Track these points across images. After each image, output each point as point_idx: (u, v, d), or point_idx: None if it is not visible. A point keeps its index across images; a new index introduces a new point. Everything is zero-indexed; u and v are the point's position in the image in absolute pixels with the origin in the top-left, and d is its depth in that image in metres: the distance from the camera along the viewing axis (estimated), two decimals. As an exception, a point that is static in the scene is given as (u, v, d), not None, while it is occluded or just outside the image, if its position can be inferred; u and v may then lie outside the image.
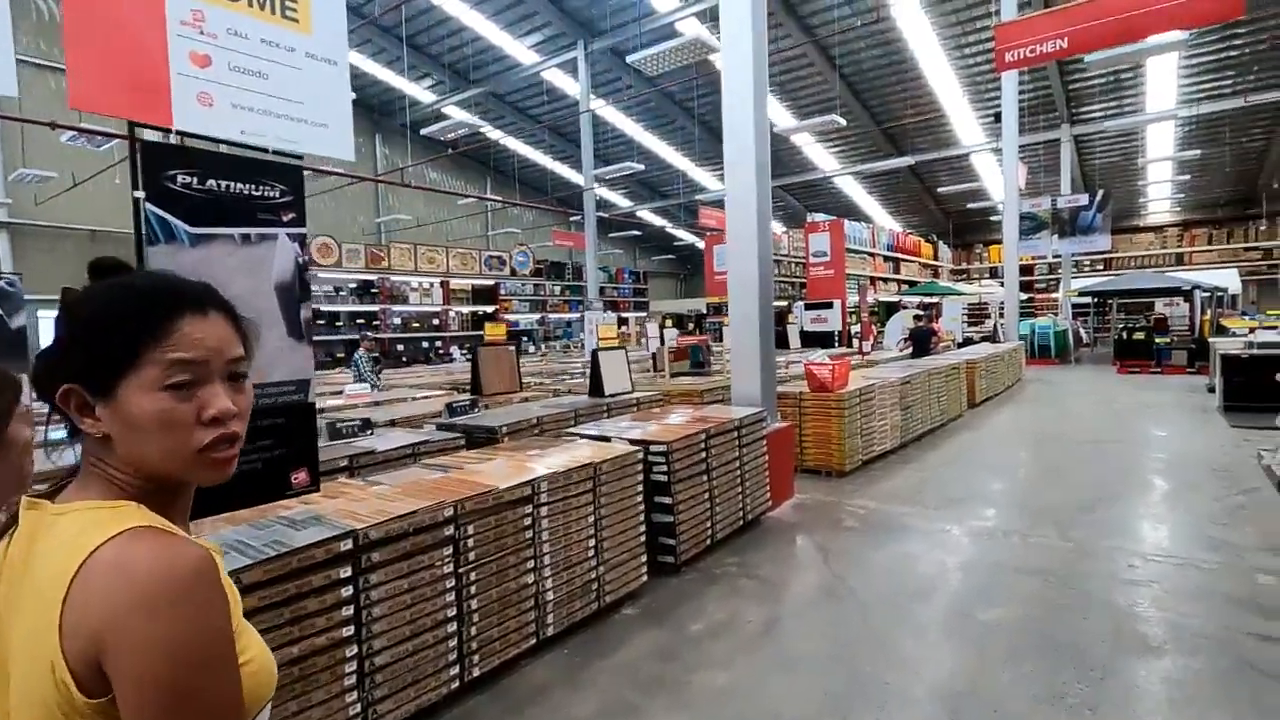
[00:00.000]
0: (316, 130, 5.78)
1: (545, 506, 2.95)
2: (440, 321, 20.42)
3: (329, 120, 5.83)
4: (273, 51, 5.38)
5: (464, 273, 21.51)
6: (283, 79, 5.40)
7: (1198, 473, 5.68)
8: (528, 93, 20.46)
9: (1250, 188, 22.54)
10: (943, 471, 5.96)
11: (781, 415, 5.93)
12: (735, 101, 4.96)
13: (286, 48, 5.48)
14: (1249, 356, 8.42)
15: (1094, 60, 9.26)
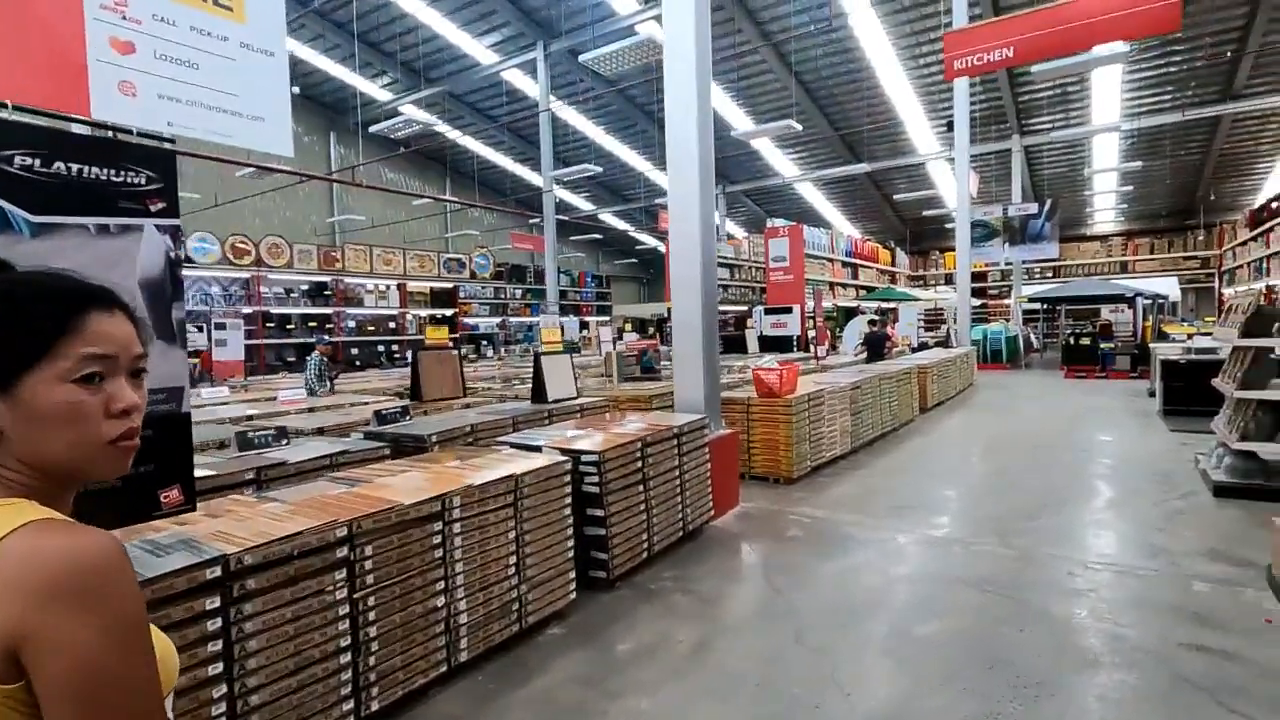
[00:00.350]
0: (252, 124, 5.45)
1: (458, 523, 2.74)
2: (397, 324, 19.93)
3: (265, 114, 5.50)
4: (204, 40, 5.03)
5: (422, 275, 21.04)
6: (215, 69, 5.05)
7: (1139, 478, 5.71)
8: (487, 93, 20.14)
9: (1189, 199, 23.38)
10: (891, 478, 5.89)
11: (730, 421, 5.79)
12: (678, 101, 4.82)
13: (219, 36, 5.13)
14: (1187, 362, 8.61)
15: (1041, 71, 9.40)
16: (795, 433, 5.62)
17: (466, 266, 22.40)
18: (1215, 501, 4.95)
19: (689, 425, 4.27)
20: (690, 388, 4.74)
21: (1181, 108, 17.45)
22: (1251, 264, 17.37)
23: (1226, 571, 3.61)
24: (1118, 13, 7.03)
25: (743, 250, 20.82)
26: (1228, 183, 22.40)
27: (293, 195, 20.34)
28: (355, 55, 16.11)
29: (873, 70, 17.26)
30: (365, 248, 19.25)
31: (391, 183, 23.51)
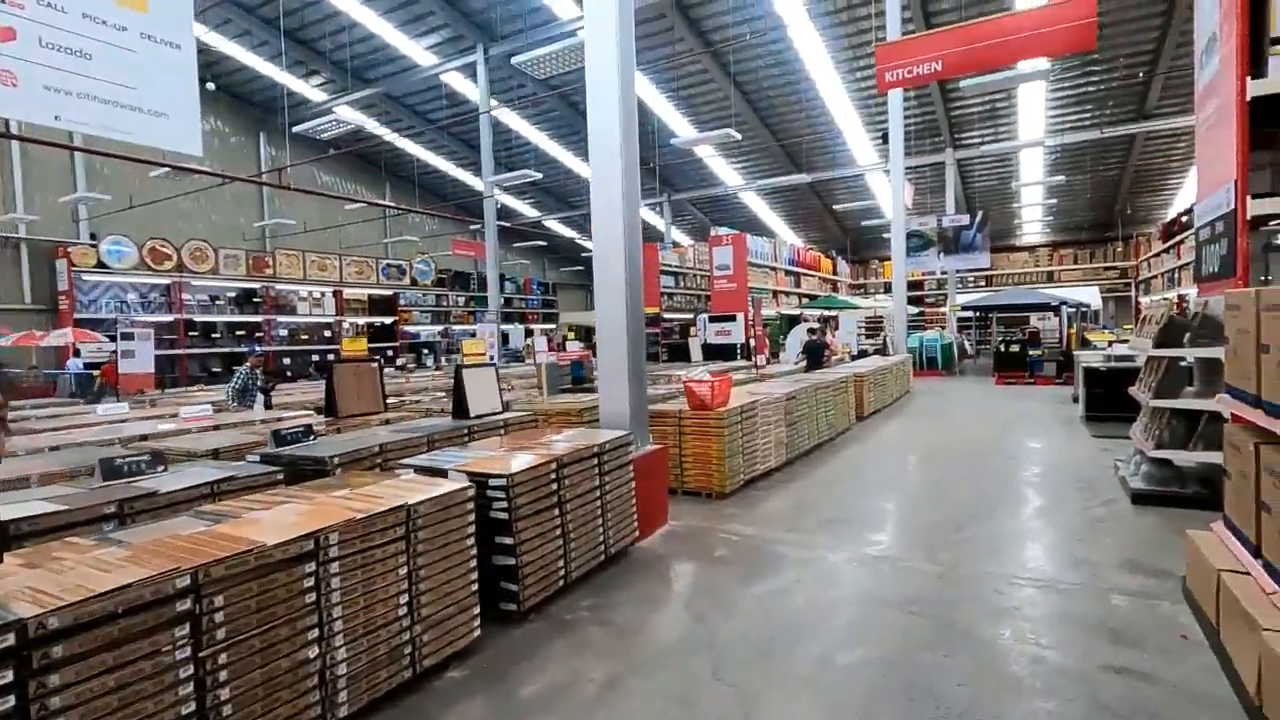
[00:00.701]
0: (154, 120, 4.99)
1: (336, 563, 2.45)
2: (333, 333, 19.17)
3: (170, 110, 5.05)
4: (98, 29, 4.55)
5: (360, 282, 20.31)
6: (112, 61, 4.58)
7: (1063, 485, 5.78)
8: (426, 95, 19.61)
9: (1108, 213, 24.55)
10: (825, 490, 5.80)
11: (661, 435, 5.61)
12: (600, 101, 4.63)
13: (116, 25, 4.64)
14: (1107, 369, 8.88)
15: (970, 86, 9.61)
16: (727, 446, 5.47)
17: (407, 273, 21.75)
18: (1134, 509, 5.02)
19: (611, 443, 4.06)
20: (615, 402, 4.54)
21: (1100, 125, 18.28)
22: (1164, 274, 18.30)
23: (1144, 584, 3.60)
24: (1039, 30, 7.19)
25: (688, 258, 20.83)
26: (1142, 197, 23.62)
27: (218, 198, 19.35)
28: (283, 53, 15.39)
29: (812, 82, 17.51)
30: (298, 253, 18.47)
31: (327, 186, 22.67)
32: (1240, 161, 4.84)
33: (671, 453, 5.61)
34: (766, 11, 15.09)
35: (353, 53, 17.53)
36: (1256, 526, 2.76)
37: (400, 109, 20.22)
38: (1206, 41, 5.45)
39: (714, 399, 5.47)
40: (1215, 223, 5.34)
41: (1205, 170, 5.68)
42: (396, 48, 17.31)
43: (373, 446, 4.04)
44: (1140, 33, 14.90)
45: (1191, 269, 14.81)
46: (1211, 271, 5.47)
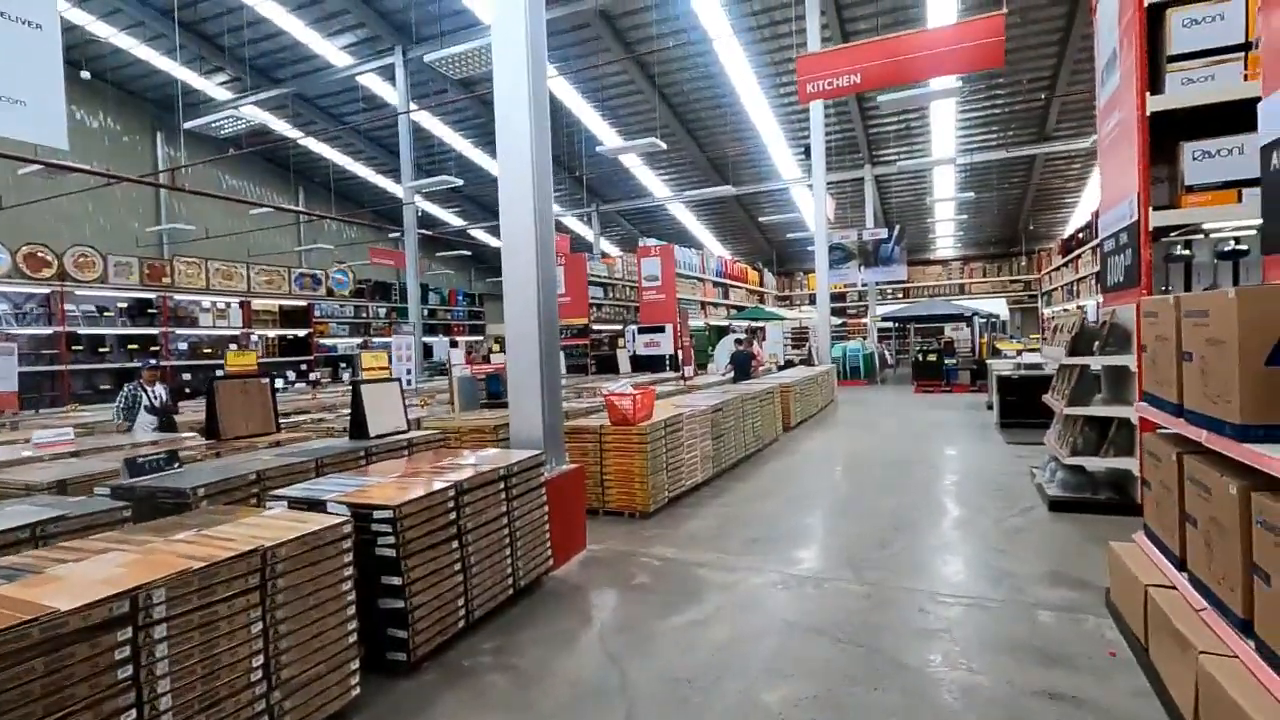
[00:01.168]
0: (8, 108, 4.31)
1: (162, 625, 2.01)
2: (240, 346, 17.89)
3: (27, 96, 4.38)
4: None
5: (270, 292, 19.07)
6: None
7: (982, 494, 5.79)
8: (342, 98, 18.71)
9: (1013, 229, 25.94)
10: (751, 506, 5.60)
11: (581, 452, 5.29)
12: (509, 95, 4.30)
13: None
14: (1019, 378, 9.15)
15: (887, 101, 9.80)
16: (651, 463, 5.19)
17: (323, 283, 20.60)
18: (1051, 516, 5.04)
19: (520, 464, 3.70)
20: (527, 419, 4.18)
21: (1005, 146, 19.28)
22: (1064, 286, 19.38)
23: (1068, 597, 3.53)
24: (951, 47, 7.33)
25: (616, 269, 20.62)
26: (1044, 214, 25.08)
27: (107, 200, 17.84)
28: (177, 48, 14.32)
29: (737, 96, 17.69)
30: (200, 261, 17.16)
31: (234, 190, 21.29)
32: (1142, 175, 4.98)
33: (592, 471, 5.29)
34: (692, 25, 15.13)
35: (259, 50, 16.54)
36: (1180, 539, 2.68)
37: (313, 111, 19.22)
38: (1107, 59, 5.63)
39: (636, 413, 5.19)
40: (1119, 234, 5.49)
41: (1108, 184, 5.87)
42: (308, 46, 16.43)
43: (248, 475, 3.54)
44: (1039, 59, 15.75)
45: (1089, 281, 15.70)
46: (1117, 281, 5.62)
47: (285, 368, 18.86)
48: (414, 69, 16.76)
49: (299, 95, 18.33)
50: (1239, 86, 4.64)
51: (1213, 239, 5.12)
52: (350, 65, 16.82)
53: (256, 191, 22.03)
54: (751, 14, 14.68)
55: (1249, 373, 2.11)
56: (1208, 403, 2.36)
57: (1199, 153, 4.79)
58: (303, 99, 18.65)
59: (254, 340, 18.87)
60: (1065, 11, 14.27)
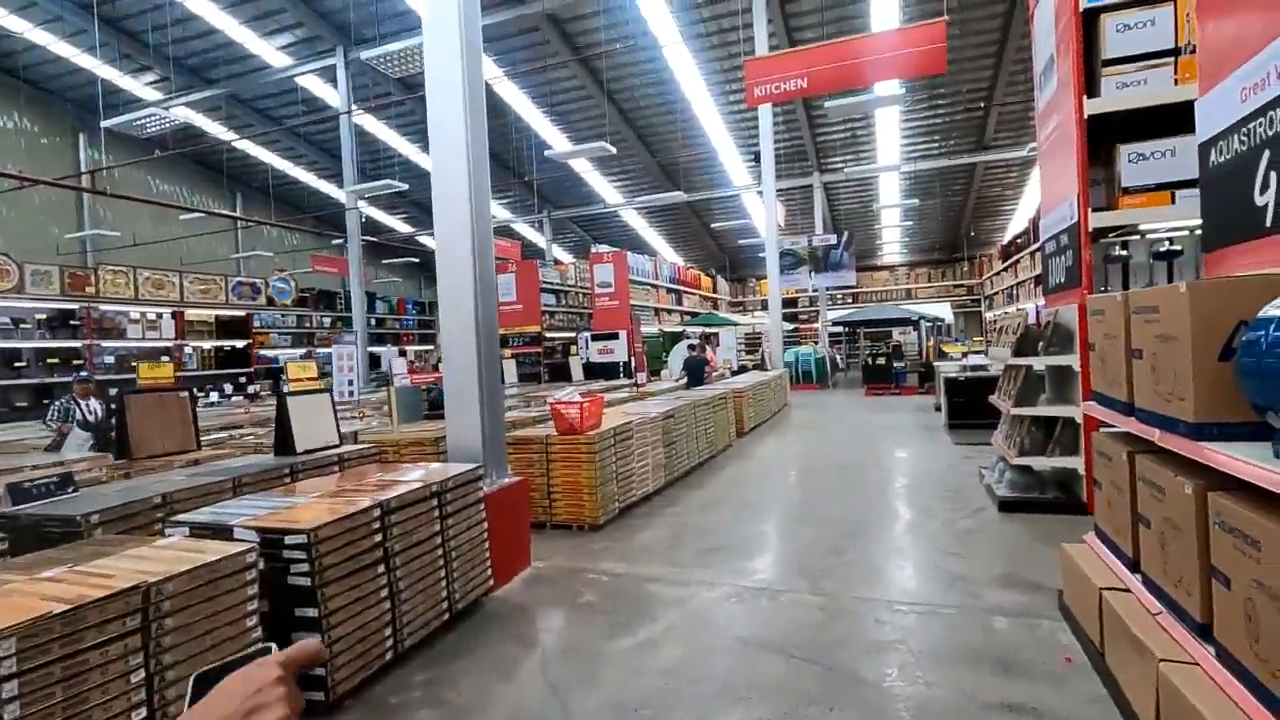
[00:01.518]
0: None
1: (12, 681, 1.71)
2: (173, 359, 16.98)
3: None
4: None
5: (205, 302, 18.20)
6: None
7: (932, 495, 5.77)
8: (281, 99, 18.01)
9: (956, 235, 26.69)
10: (704, 514, 5.45)
11: (527, 464, 5.05)
12: (440, 82, 4.06)
13: None
14: (965, 379, 9.28)
15: (834, 107, 9.86)
16: (600, 473, 4.99)
17: (263, 292, 19.76)
18: (1001, 517, 5.03)
19: (456, 479, 3.46)
20: (465, 430, 3.93)
21: (946, 154, 19.81)
22: (1004, 290, 20.00)
23: (1021, 601, 3.47)
24: (895, 52, 7.39)
25: (569, 276, 20.38)
26: (984, 221, 25.88)
27: (23, 205, 16.76)
28: (97, 45, 13.55)
29: (688, 102, 17.72)
30: (128, 270, 16.25)
31: (165, 195, 20.27)
32: (1081, 177, 5.04)
33: (539, 483, 5.05)
34: (642, 31, 15.08)
35: (190, 49, 15.82)
36: (1133, 540, 2.62)
37: (251, 113, 18.46)
38: (1045, 64, 5.71)
39: (583, 422, 4.98)
40: (1060, 236, 5.56)
41: (1048, 187, 5.96)
42: (243, 46, 15.76)
43: (152, 498, 3.20)
44: (976, 70, 16.22)
45: (1029, 285, 16.20)
46: (1059, 283, 5.69)
47: (223, 380, 17.99)
48: (356, 71, 16.25)
49: (234, 97, 17.58)
50: (1170, 90, 4.73)
51: (1148, 240, 5.23)
52: (289, 66, 16.20)
53: (190, 197, 21.02)
54: (701, 21, 14.71)
55: (1202, 369, 2.04)
56: (1159, 400, 2.30)
57: (1134, 155, 4.87)
58: (238, 100, 17.90)
59: (188, 352, 17.98)
60: (1000, 25, 14.73)
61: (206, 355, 17.81)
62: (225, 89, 16.55)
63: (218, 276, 18.13)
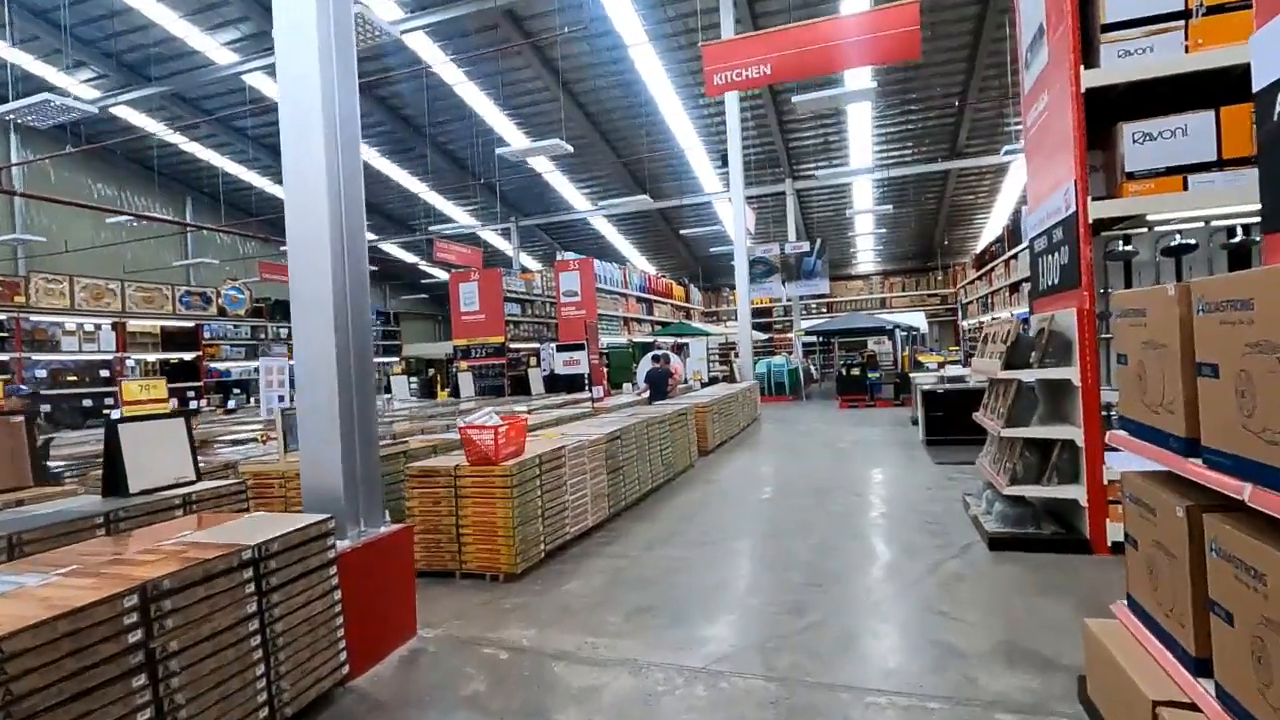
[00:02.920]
0: None
1: None
2: (112, 373, 15.80)
3: None
4: None
5: (150, 312, 17.02)
6: None
7: (912, 528, 4.98)
8: (228, 99, 16.96)
9: (930, 244, 26.29)
10: (646, 557, 4.60)
11: (433, 500, 4.16)
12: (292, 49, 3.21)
13: None
14: (943, 392, 8.57)
15: (801, 102, 9.16)
16: (519, 511, 4.12)
17: (214, 301, 18.61)
18: (992, 557, 4.25)
19: (288, 539, 2.57)
20: (321, 468, 3.04)
21: (919, 161, 19.32)
22: (979, 300, 19.51)
23: (1029, 685, 2.66)
24: (865, 36, 6.68)
25: (535, 285, 19.50)
26: (958, 230, 25.51)
27: (-56, 209, 15.51)
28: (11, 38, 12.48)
29: (656, 105, 17.01)
30: (64, 278, 15.08)
31: (107, 200, 19.07)
32: (1079, 159, 4.31)
33: (446, 525, 4.17)
34: (605, 30, 14.35)
35: (129, 43, 14.77)
36: (1199, 633, 1.83)
37: (197, 113, 17.38)
38: (1033, 35, 4.98)
39: (499, 450, 4.11)
40: (1052, 231, 4.85)
41: (1037, 177, 5.25)
42: (185, 41, 14.75)
43: None
44: (949, 75, 15.71)
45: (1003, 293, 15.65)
46: (1051, 284, 4.96)
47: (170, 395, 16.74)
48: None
49: (179, 96, 16.53)
50: (1180, 59, 4.02)
51: (1155, 233, 4.51)
52: (235, 63, 15.19)
53: (135, 201, 19.83)
54: (667, 20, 14.02)
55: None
56: (1253, 441, 1.52)
57: (1139, 135, 4.16)
58: (183, 100, 16.84)
59: (130, 365, 16.80)
60: (972, 29, 14.23)
61: (151, 368, 16.63)
62: (167, 87, 15.47)
63: (164, 285, 16.96)
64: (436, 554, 4.18)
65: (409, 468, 4.25)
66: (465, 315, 15.92)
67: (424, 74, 15.50)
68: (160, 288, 16.86)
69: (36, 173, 17.69)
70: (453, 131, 18.14)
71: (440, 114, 17.48)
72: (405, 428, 7.09)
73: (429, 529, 4.18)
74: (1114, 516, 4.11)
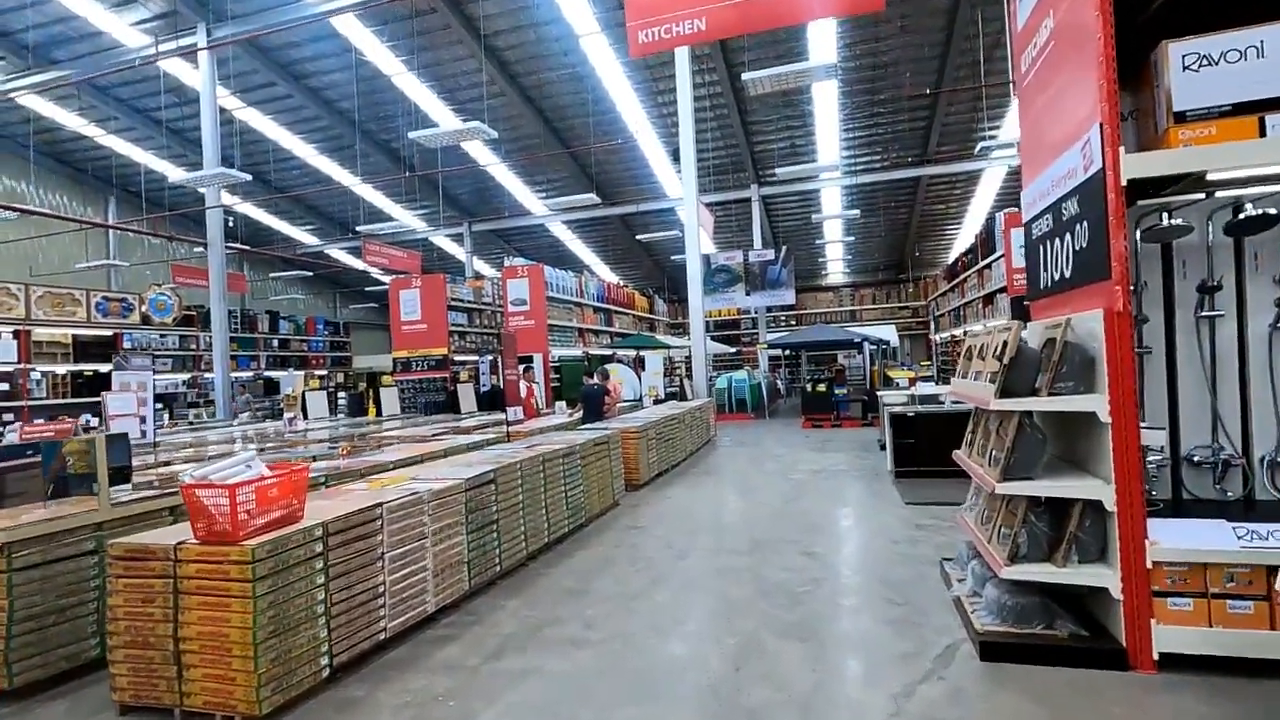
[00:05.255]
0: None
1: None
2: (14, 387, 13.96)
3: None
4: None
5: (60, 320, 15.18)
6: None
7: (874, 614, 3.57)
8: (143, 88, 15.29)
9: (900, 255, 25.24)
10: (489, 671, 3.11)
11: (146, 597, 2.66)
12: None
13: None
14: (914, 415, 7.23)
15: (751, 79, 7.84)
16: (271, 614, 2.63)
17: (136, 309, 16.78)
18: (985, 673, 2.85)
19: None
20: None
21: (889, 167, 18.22)
22: (951, 312, 18.39)
23: None
24: (819, -18, 5.36)
25: (485, 292, 17.97)
26: (929, 241, 24.49)
27: None
28: None
29: (611, 101, 15.70)
30: (-48, 280, 13.31)
31: (15, 197, 17.22)
32: (1107, 91, 2.98)
33: (161, 635, 2.66)
34: (554, 18, 13.02)
35: (24, 21, 13.08)
36: None
37: (110, 102, 15.67)
38: (1035, -61, 3.67)
39: (237, 521, 2.62)
40: (1062, 204, 3.50)
41: (1038, 133, 3.88)
42: (88, 20, 13.11)
43: None
44: (919, 75, 14.60)
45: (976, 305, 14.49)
46: (1059, 279, 3.61)
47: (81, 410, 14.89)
48: (234, 55, 13.76)
49: (93, 85, 14.82)
50: (1254, -53, 2.72)
51: (1213, 202, 3.17)
52: (144, 45, 13.56)
53: (49, 199, 17.99)
54: (619, 7, 12.72)
55: None
56: None
57: (1193, 58, 2.81)
58: (95, 88, 15.13)
59: (35, 378, 14.94)
60: (944, 23, 13.13)
61: (60, 381, 14.78)
62: (73, 71, 13.77)
63: (78, 291, 15.15)
64: (148, 681, 2.67)
65: (112, 546, 2.74)
66: (406, 325, 14.38)
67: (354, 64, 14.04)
68: (73, 293, 15.07)
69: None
70: (396, 129, 16.62)
71: (380, 107, 15.98)
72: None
73: (138, 642, 2.67)
74: (1163, 616, 2.75)
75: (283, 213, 21.63)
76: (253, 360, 20.14)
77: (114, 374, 8.11)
